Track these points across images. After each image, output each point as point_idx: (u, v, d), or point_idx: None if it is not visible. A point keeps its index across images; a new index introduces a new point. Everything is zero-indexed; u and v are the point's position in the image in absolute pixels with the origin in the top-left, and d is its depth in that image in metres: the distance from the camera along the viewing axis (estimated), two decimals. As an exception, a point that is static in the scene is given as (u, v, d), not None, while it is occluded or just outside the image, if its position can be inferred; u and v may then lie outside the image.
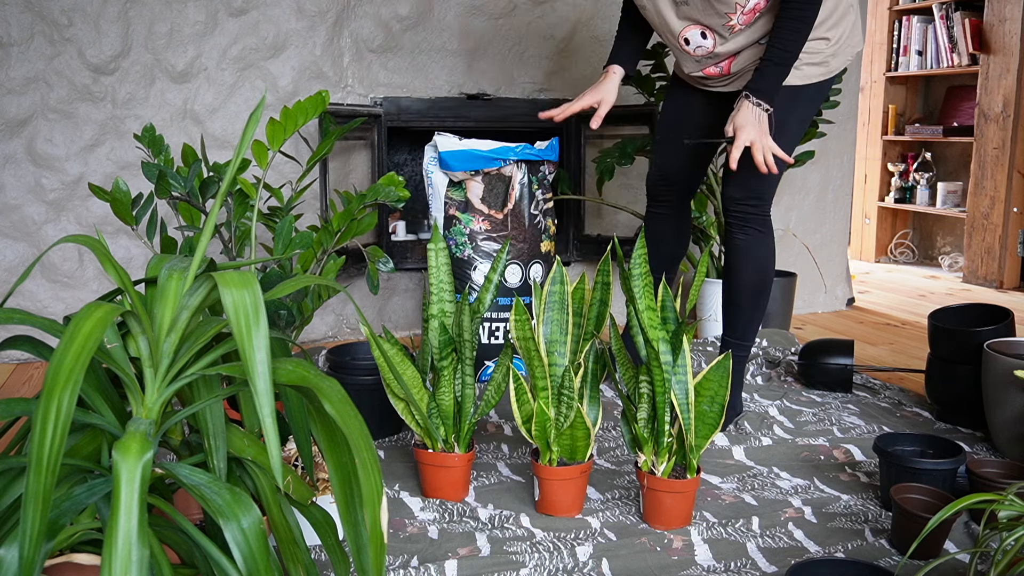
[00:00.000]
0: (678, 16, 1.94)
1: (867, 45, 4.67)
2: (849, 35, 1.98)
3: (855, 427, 2.09)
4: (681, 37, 1.97)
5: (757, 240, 2.01)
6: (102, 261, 0.98)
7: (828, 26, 1.92)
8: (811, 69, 1.95)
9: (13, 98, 2.59)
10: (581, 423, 1.57)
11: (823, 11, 1.89)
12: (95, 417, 0.97)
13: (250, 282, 0.84)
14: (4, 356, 2.68)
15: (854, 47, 2.01)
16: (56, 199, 2.67)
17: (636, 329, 1.54)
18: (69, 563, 0.93)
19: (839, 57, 1.98)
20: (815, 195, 3.44)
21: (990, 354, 1.91)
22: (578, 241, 3.13)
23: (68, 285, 2.72)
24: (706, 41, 1.94)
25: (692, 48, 1.97)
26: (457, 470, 1.67)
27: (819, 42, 1.93)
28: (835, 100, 2.77)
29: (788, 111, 1.93)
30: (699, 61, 2.00)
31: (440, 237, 1.70)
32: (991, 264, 4.08)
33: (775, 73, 1.85)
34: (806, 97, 1.97)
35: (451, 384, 1.65)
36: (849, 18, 1.97)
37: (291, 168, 2.70)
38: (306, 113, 1.98)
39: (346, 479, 0.96)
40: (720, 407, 1.51)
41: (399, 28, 2.88)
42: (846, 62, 2.01)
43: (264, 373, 0.80)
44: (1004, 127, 3.99)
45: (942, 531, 1.45)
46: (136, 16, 2.63)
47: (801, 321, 3.31)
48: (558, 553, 1.45)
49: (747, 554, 1.48)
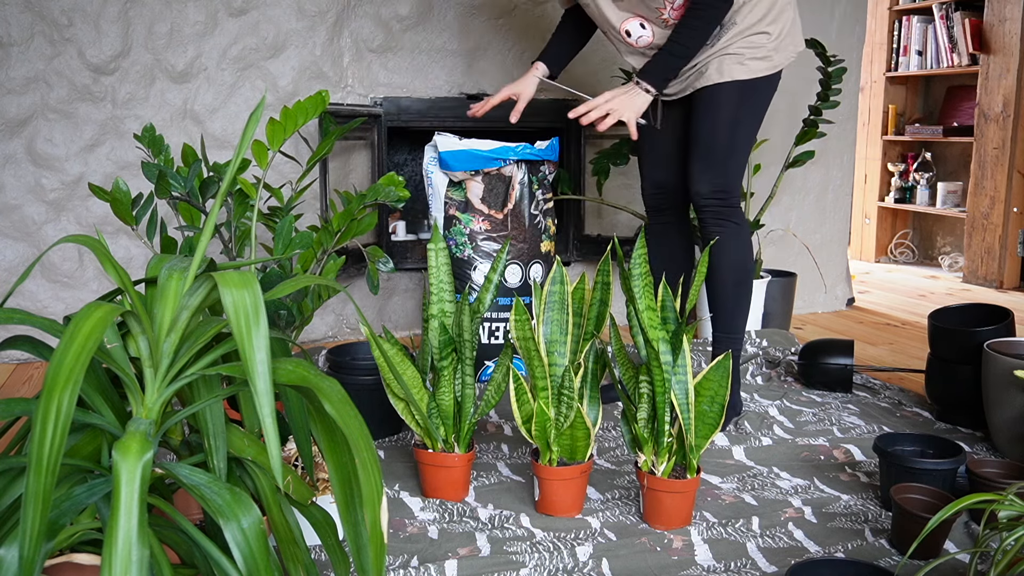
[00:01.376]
0: (618, 8, 2.02)
1: (867, 45, 4.66)
2: (789, 32, 2.05)
3: (855, 427, 2.09)
4: (622, 29, 2.03)
5: (731, 233, 2.04)
6: (102, 261, 0.98)
7: (768, 21, 1.99)
8: (755, 63, 2.00)
9: (13, 98, 2.59)
10: (581, 423, 1.57)
11: (761, 7, 1.98)
12: (95, 417, 0.97)
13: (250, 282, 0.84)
14: (4, 356, 2.68)
15: (795, 46, 2.07)
16: (56, 199, 2.67)
17: (636, 329, 1.54)
18: (69, 563, 0.93)
19: (781, 53, 2.03)
20: (815, 195, 3.44)
21: (990, 354, 1.91)
22: (578, 241, 3.13)
23: (68, 285, 2.72)
24: (646, 31, 2.00)
25: (635, 40, 2.03)
26: (457, 470, 1.67)
27: (761, 36, 1.99)
28: (835, 100, 2.78)
29: (738, 104, 2.00)
30: (644, 54, 2.07)
31: (440, 237, 1.70)
32: (991, 264, 4.08)
33: (667, 62, 1.97)
34: (754, 91, 2.02)
35: (451, 384, 1.65)
36: (787, 15, 2.04)
37: (291, 168, 2.70)
38: (306, 113, 1.98)
39: (346, 479, 0.96)
40: (720, 407, 1.51)
41: (399, 28, 2.88)
42: (788, 59, 2.06)
43: (264, 373, 0.80)
44: (1004, 127, 3.99)
45: (942, 531, 1.45)
46: (136, 16, 2.63)
47: (801, 321, 3.31)
48: (558, 553, 1.45)
49: (747, 554, 1.48)
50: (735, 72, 1.98)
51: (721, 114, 2.00)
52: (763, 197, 3.07)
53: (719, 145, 2.01)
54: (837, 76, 2.75)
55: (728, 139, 2.01)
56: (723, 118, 2.00)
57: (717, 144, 2.01)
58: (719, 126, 2.00)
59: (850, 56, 3.35)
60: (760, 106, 2.07)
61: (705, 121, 2.02)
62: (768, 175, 3.22)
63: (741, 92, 2.00)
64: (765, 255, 3.27)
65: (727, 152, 2.02)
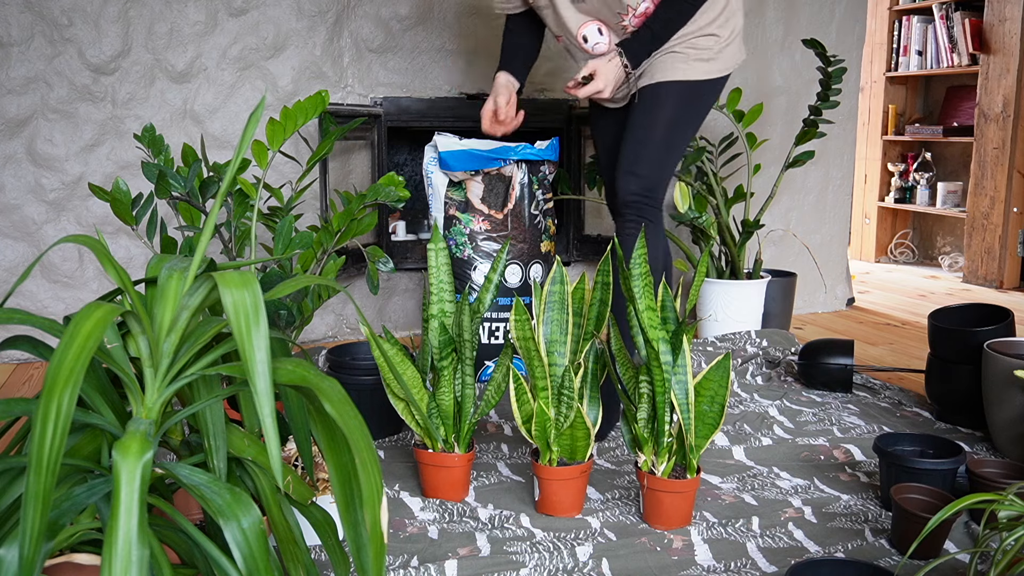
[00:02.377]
0: (577, 11, 2.00)
1: (867, 45, 4.67)
2: (736, 38, 2.04)
3: (855, 427, 2.09)
4: (579, 35, 2.01)
5: (650, 231, 2.01)
6: (102, 261, 0.98)
7: (718, 24, 1.99)
8: (700, 65, 1.99)
9: (13, 98, 2.59)
10: (581, 423, 1.57)
11: (713, 9, 1.97)
12: (95, 417, 0.97)
13: (250, 282, 0.84)
14: (4, 356, 2.68)
15: (741, 53, 2.07)
16: (56, 199, 2.67)
17: (636, 329, 1.54)
18: (69, 563, 0.93)
19: (727, 58, 2.02)
20: (815, 195, 3.44)
21: (990, 354, 1.91)
22: (578, 241, 3.13)
23: (68, 285, 2.72)
24: (603, 38, 1.99)
25: (591, 46, 2.01)
26: (457, 470, 1.67)
27: (708, 39, 1.98)
28: (835, 100, 2.77)
29: (677, 104, 1.99)
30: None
31: (440, 237, 1.70)
32: (991, 264, 4.08)
33: (646, 42, 1.95)
34: (696, 93, 2.01)
35: (451, 384, 1.65)
36: (735, 20, 2.03)
37: (291, 168, 2.70)
38: (306, 113, 1.98)
39: (346, 479, 0.96)
40: (720, 407, 1.51)
41: (399, 28, 2.88)
42: (733, 65, 2.05)
43: (264, 373, 0.80)
44: (1004, 127, 3.99)
45: (942, 531, 1.45)
46: (136, 16, 2.63)
47: (801, 321, 3.31)
48: (558, 553, 1.45)
49: (747, 554, 1.48)
50: (679, 72, 1.96)
51: (660, 112, 1.98)
52: (763, 197, 3.07)
53: (653, 143, 1.98)
54: (837, 76, 2.75)
55: (663, 138, 1.98)
56: (661, 116, 1.98)
57: (651, 141, 1.98)
58: (656, 124, 1.98)
59: (850, 56, 3.35)
60: (701, 109, 2.05)
61: (643, 117, 1.99)
62: (768, 175, 3.22)
63: (682, 92, 1.98)
64: (765, 255, 3.27)
65: (660, 151, 1.98)
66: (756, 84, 3.24)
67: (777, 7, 3.24)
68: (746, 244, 2.87)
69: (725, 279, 2.87)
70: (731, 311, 2.84)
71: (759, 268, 2.91)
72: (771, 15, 3.23)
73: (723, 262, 2.93)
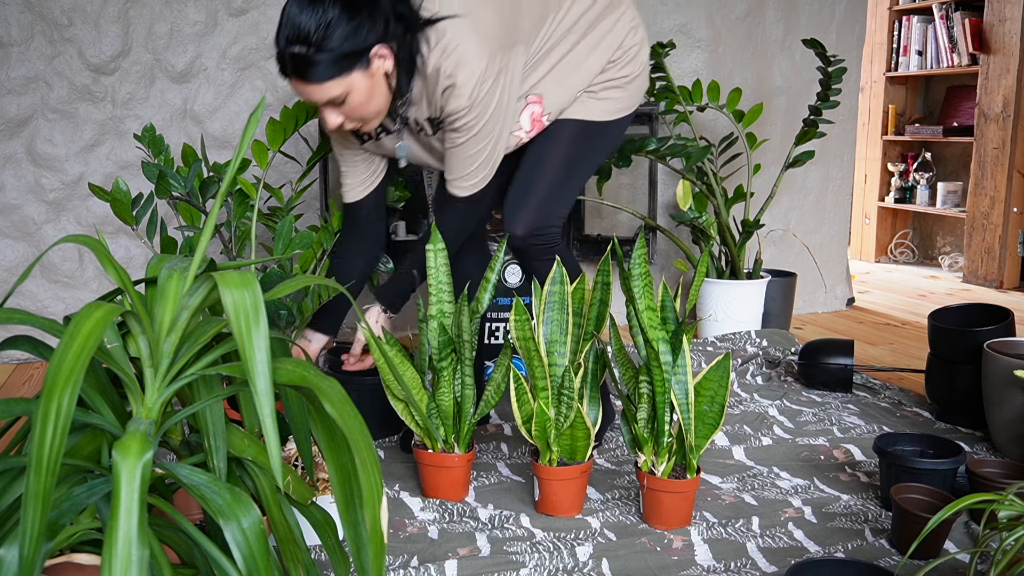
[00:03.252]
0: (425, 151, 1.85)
1: (867, 45, 4.66)
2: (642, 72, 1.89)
3: (855, 427, 2.09)
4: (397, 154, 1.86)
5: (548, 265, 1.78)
6: (102, 261, 0.98)
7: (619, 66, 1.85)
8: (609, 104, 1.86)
9: (13, 98, 2.59)
10: (581, 423, 1.57)
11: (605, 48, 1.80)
12: (95, 417, 0.97)
13: (250, 282, 0.84)
14: (4, 356, 2.68)
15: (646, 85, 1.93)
16: (56, 199, 2.67)
17: (636, 329, 1.54)
18: (69, 563, 0.93)
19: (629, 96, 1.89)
20: (815, 195, 3.44)
21: (990, 354, 1.91)
22: (578, 241, 3.13)
23: (68, 285, 2.72)
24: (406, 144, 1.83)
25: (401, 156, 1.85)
26: (457, 470, 1.67)
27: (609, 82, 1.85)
28: (835, 100, 2.77)
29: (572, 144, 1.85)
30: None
31: (439, 238, 1.70)
32: (991, 264, 4.08)
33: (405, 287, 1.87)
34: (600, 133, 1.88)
35: (451, 384, 1.65)
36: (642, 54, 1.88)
37: (292, 168, 2.70)
38: (306, 113, 1.98)
39: (346, 479, 0.96)
40: (720, 407, 1.51)
41: (399, 28, 2.88)
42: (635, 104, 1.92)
43: (264, 373, 0.80)
44: (1004, 127, 3.99)
45: (942, 531, 1.45)
46: (136, 16, 2.63)
47: (801, 321, 3.31)
48: (558, 553, 1.45)
49: (747, 554, 1.48)
50: (584, 111, 1.83)
51: (557, 149, 1.82)
52: (763, 197, 3.07)
53: (545, 181, 1.82)
54: (837, 76, 2.75)
55: (558, 176, 1.82)
56: (558, 153, 1.82)
57: (543, 179, 1.82)
58: (550, 160, 1.82)
59: (850, 56, 3.35)
60: (604, 150, 1.91)
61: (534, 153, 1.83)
62: (768, 175, 3.22)
63: (581, 131, 1.84)
64: (765, 255, 3.27)
65: (553, 189, 1.82)
66: (756, 84, 3.24)
67: (777, 7, 3.24)
68: (746, 244, 2.87)
69: (725, 279, 2.87)
70: (731, 311, 2.84)
71: (759, 268, 2.91)
72: (771, 15, 3.23)
73: (723, 262, 2.93)
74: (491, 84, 1.65)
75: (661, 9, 3.09)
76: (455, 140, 1.72)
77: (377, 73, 1.60)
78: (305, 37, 1.52)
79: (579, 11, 1.79)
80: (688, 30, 3.12)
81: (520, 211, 1.80)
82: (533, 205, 1.80)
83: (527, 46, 1.73)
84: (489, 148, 1.73)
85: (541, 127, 1.83)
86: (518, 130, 1.80)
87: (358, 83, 1.58)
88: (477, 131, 1.69)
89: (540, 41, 1.76)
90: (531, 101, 1.79)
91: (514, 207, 1.81)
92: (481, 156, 1.73)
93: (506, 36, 1.67)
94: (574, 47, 1.80)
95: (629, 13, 1.86)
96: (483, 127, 1.69)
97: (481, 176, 1.76)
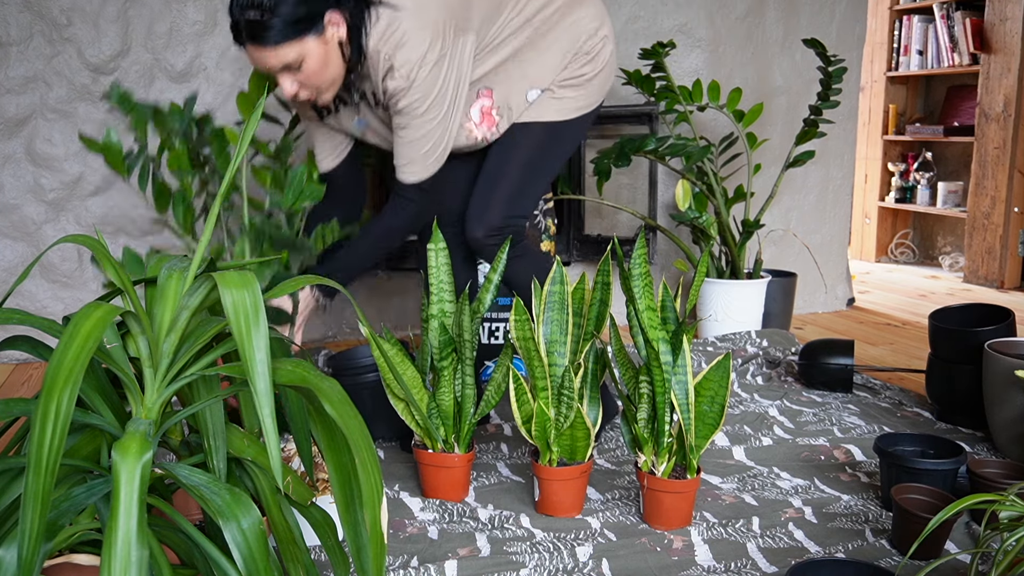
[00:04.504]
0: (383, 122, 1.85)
1: (867, 45, 4.66)
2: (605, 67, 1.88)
3: (855, 427, 2.09)
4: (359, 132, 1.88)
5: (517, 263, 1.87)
6: (102, 261, 0.98)
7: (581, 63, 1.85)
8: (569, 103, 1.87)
9: (12, 98, 2.59)
10: (581, 423, 1.57)
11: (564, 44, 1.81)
12: (95, 417, 0.97)
13: (250, 282, 0.84)
14: (4, 356, 2.67)
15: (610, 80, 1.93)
16: (55, 199, 2.66)
17: (636, 329, 1.54)
18: (68, 563, 0.93)
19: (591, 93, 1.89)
20: (815, 195, 3.44)
21: (991, 354, 1.91)
22: (578, 241, 3.13)
23: (68, 285, 2.72)
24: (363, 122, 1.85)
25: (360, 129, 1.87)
26: (457, 470, 1.67)
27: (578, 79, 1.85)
28: (835, 100, 2.77)
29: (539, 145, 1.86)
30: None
31: (440, 237, 1.70)
32: (992, 264, 4.07)
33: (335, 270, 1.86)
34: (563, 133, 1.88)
35: (451, 384, 1.65)
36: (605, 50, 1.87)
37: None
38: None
39: (346, 479, 0.96)
40: (720, 407, 1.50)
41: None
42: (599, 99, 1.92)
43: (264, 373, 0.80)
44: (1005, 127, 3.98)
45: (943, 531, 1.45)
46: (136, 16, 2.63)
47: (801, 321, 3.31)
48: (558, 553, 1.45)
49: (747, 554, 1.48)
50: (543, 112, 1.83)
51: (517, 152, 1.83)
52: (763, 197, 3.07)
53: (507, 182, 1.83)
54: (837, 76, 2.75)
55: (519, 178, 1.84)
56: (518, 156, 1.83)
57: (504, 180, 1.83)
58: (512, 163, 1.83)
59: (850, 56, 3.35)
60: (565, 149, 1.91)
61: (496, 156, 1.84)
62: (768, 175, 3.22)
63: (543, 133, 1.85)
64: (765, 255, 3.27)
65: (515, 191, 1.84)
66: (756, 84, 3.24)
67: (777, 7, 3.23)
68: (746, 244, 2.87)
69: (725, 279, 2.87)
70: (731, 311, 2.84)
71: (759, 268, 2.91)
72: (771, 15, 3.23)
73: (723, 262, 2.93)
74: (431, 68, 1.66)
75: (661, 9, 3.09)
76: (400, 124, 1.74)
77: (332, 40, 1.63)
78: (259, 2, 1.54)
79: (535, 7, 1.79)
80: (688, 30, 3.11)
81: (482, 213, 1.83)
82: (494, 207, 1.82)
83: (478, 35, 1.74)
84: (436, 135, 1.74)
85: (492, 122, 1.83)
86: (468, 122, 1.81)
87: (313, 49, 1.61)
88: (420, 114, 1.70)
89: (493, 33, 1.77)
90: (481, 95, 1.80)
91: (475, 209, 1.83)
92: (427, 142, 1.74)
93: (453, 22, 1.68)
94: (529, 42, 1.80)
95: (591, 12, 1.85)
96: (426, 111, 1.70)
97: (428, 163, 1.77)
